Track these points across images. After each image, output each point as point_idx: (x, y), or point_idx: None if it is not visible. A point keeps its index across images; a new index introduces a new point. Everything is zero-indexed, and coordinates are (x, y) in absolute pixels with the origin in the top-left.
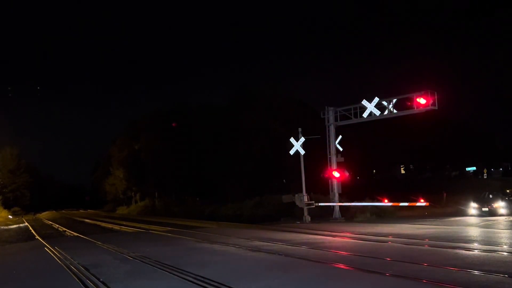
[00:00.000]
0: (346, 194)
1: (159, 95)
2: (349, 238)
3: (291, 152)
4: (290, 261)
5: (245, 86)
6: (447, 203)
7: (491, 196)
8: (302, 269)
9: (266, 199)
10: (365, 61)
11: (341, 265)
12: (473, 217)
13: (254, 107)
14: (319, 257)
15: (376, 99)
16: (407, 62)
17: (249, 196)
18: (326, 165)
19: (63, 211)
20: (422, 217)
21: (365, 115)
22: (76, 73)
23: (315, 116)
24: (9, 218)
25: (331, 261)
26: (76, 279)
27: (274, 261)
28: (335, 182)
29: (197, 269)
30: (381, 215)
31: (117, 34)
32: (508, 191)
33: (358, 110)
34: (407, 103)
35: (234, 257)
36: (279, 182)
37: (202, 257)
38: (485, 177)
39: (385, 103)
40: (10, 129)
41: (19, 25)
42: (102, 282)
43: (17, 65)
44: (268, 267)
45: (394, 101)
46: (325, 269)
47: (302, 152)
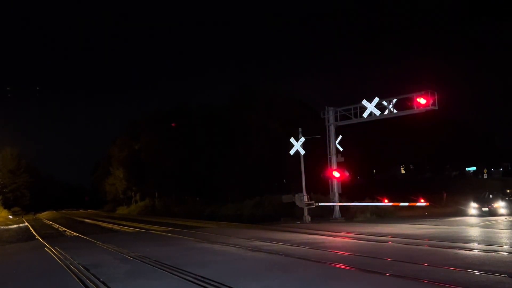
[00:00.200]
0: (346, 194)
1: (159, 95)
2: (349, 238)
3: (291, 152)
4: (290, 261)
5: (245, 86)
6: (447, 203)
7: (491, 196)
8: (302, 269)
9: (266, 199)
10: (365, 61)
11: (341, 265)
12: (473, 217)
13: (254, 107)
14: (319, 257)
15: (376, 99)
16: (407, 62)
17: (249, 196)
18: (326, 165)
19: (63, 211)
20: (422, 217)
21: (365, 115)
22: (76, 73)
23: (315, 116)
24: (9, 218)
25: (331, 261)
26: (76, 279)
27: (274, 261)
28: (335, 182)
29: (197, 269)
30: (381, 215)
31: (118, 34)
32: (508, 191)
33: (358, 110)
34: (407, 103)
35: (234, 257)
36: (279, 182)
37: (202, 257)
38: (485, 177)
39: (385, 103)
40: (10, 129)
41: (19, 25)
42: (102, 282)
43: (16, 65)
44: (268, 267)
45: (394, 101)
46: (325, 269)
47: (302, 152)
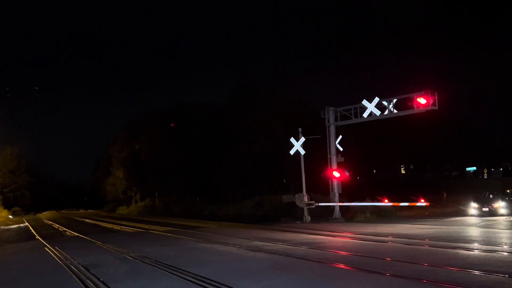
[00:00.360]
0: (346, 194)
1: (159, 95)
2: (349, 238)
3: (291, 152)
4: (291, 261)
5: (245, 86)
6: (447, 203)
7: (491, 196)
8: (303, 269)
9: (266, 199)
10: (365, 61)
11: (341, 265)
12: (473, 217)
13: (254, 107)
14: (320, 257)
15: (376, 99)
16: (407, 62)
17: (249, 196)
18: (326, 165)
19: (63, 211)
20: (423, 217)
21: (365, 115)
22: (76, 73)
23: (315, 116)
24: (9, 218)
25: (332, 261)
26: (76, 279)
27: (275, 261)
28: (335, 182)
29: (197, 269)
30: (381, 215)
31: (118, 34)
32: (508, 191)
33: (359, 110)
34: (407, 103)
35: (234, 257)
36: (279, 182)
37: (203, 257)
38: (485, 177)
39: (385, 103)
40: (10, 129)
41: (18, 25)
42: (102, 282)
43: (16, 65)
44: (268, 267)
45: (395, 101)
46: (325, 269)
47: (302, 152)
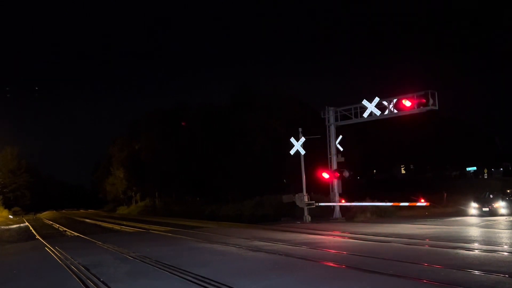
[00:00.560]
0: (347, 194)
1: (159, 95)
2: (349, 238)
3: (292, 152)
4: (291, 261)
5: (245, 86)
6: (447, 203)
7: (491, 196)
8: (303, 269)
9: (266, 199)
10: (365, 61)
11: (341, 265)
12: (473, 217)
13: (255, 107)
14: (320, 257)
15: (377, 99)
16: (407, 62)
17: (250, 196)
18: (326, 165)
19: (63, 211)
20: (423, 217)
21: (365, 115)
22: (77, 72)
23: (315, 116)
24: (9, 218)
25: (332, 261)
26: (77, 279)
27: (275, 261)
28: (335, 182)
29: (197, 269)
30: (381, 215)
31: (118, 33)
32: (508, 191)
33: (359, 110)
34: (407, 103)
35: (234, 257)
36: (279, 182)
37: (203, 257)
38: (486, 177)
39: (385, 103)
40: (10, 129)
41: (18, 25)
42: (103, 282)
43: (16, 65)
44: (268, 267)
45: (395, 101)
46: (325, 269)
47: (303, 152)
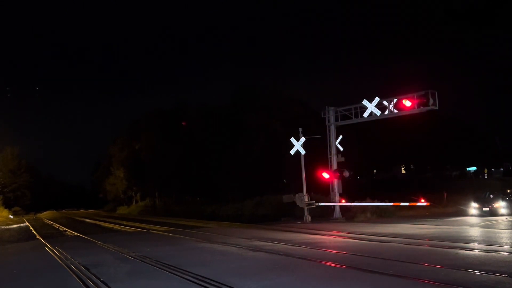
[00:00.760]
0: (347, 194)
1: (159, 95)
2: (349, 238)
3: (292, 152)
4: (291, 261)
5: (245, 85)
6: (447, 203)
7: (491, 196)
8: (303, 269)
9: (266, 199)
10: (365, 61)
11: (341, 265)
12: (473, 217)
13: (255, 107)
14: (320, 257)
15: (377, 99)
16: (407, 62)
17: (250, 196)
18: (326, 165)
19: (63, 210)
20: (423, 217)
21: (365, 115)
22: (77, 72)
23: (315, 116)
24: (9, 218)
25: (332, 261)
26: (77, 278)
27: (275, 261)
28: (335, 182)
29: (197, 269)
30: (381, 215)
31: (117, 33)
32: (508, 191)
33: (359, 110)
34: (407, 103)
35: (234, 256)
36: (279, 182)
37: (203, 257)
38: (486, 177)
39: (385, 103)
40: (10, 129)
41: (18, 24)
42: (103, 282)
43: (16, 65)
44: (269, 267)
45: (395, 101)
46: (325, 269)
47: (303, 152)
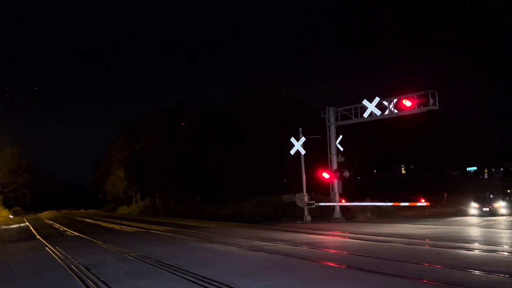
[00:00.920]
0: (347, 194)
1: (159, 95)
2: (349, 238)
3: (292, 152)
4: (291, 261)
5: (246, 85)
6: (447, 203)
7: (491, 196)
8: (303, 269)
9: (266, 199)
10: (365, 61)
11: (342, 265)
12: (473, 217)
13: (255, 107)
14: (320, 257)
15: (377, 99)
16: (408, 62)
17: (250, 196)
18: (326, 165)
19: (63, 210)
20: (423, 217)
21: (365, 115)
22: (77, 73)
23: (315, 116)
24: (9, 218)
25: (332, 261)
26: (77, 278)
27: (275, 261)
28: (335, 182)
29: (198, 268)
30: (381, 215)
31: (117, 33)
32: (509, 191)
33: (359, 110)
34: (407, 103)
35: (234, 256)
36: (279, 182)
37: (203, 257)
38: (486, 177)
39: (385, 103)
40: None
41: (18, 25)
42: (103, 282)
43: (17, 65)
44: (269, 267)
45: (395, 101)
46: (325, 269)
47: (303, 152)
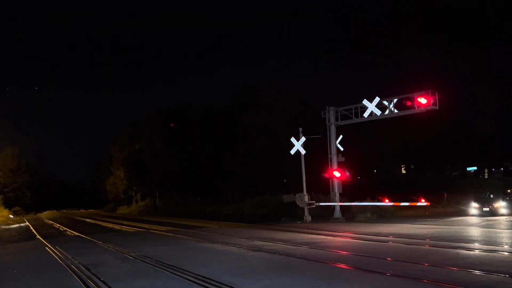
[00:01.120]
0: (347, 194)
1: (160, 94)
2: (349, 238)
3: (292, 152)
4: (291, 260)
5: (246, 85)
6: (448, 203)
7: (492, 196)
8: (303, 268)
9: (266, 199)
10: (366, 61)
11: (341, 265)
12: (474, 217)
13: (255, 106)
14: (320, 257)
15: (377, 99)
16: (408, 62)
17: (250, 196)
18: (327, 165)
19: (63, 210)
20: (423, 217)
21: (366, 114)
22: (77, 73)
23: (316, 116)
24: (10, 218)
25: (332, 261)
26: (77, 278)
27: (275, 261)
28: (335, 182)
29: (198, 268)
30: (382, 215)
31: (117, 33)
32: (509, 191)
33: (359, 110)
34: (408, 103)
35: (235, 256)
36: (279, 182)
37: (203, 257)
38: (486, 177)
39: (386, 103)
40: (11, 129)
41: (18, 25)
42: (103, 282)
43: (17, 65)
44: (269, 267)
45: (395, 101)
46: (325, 269)
47: (303, 151)
